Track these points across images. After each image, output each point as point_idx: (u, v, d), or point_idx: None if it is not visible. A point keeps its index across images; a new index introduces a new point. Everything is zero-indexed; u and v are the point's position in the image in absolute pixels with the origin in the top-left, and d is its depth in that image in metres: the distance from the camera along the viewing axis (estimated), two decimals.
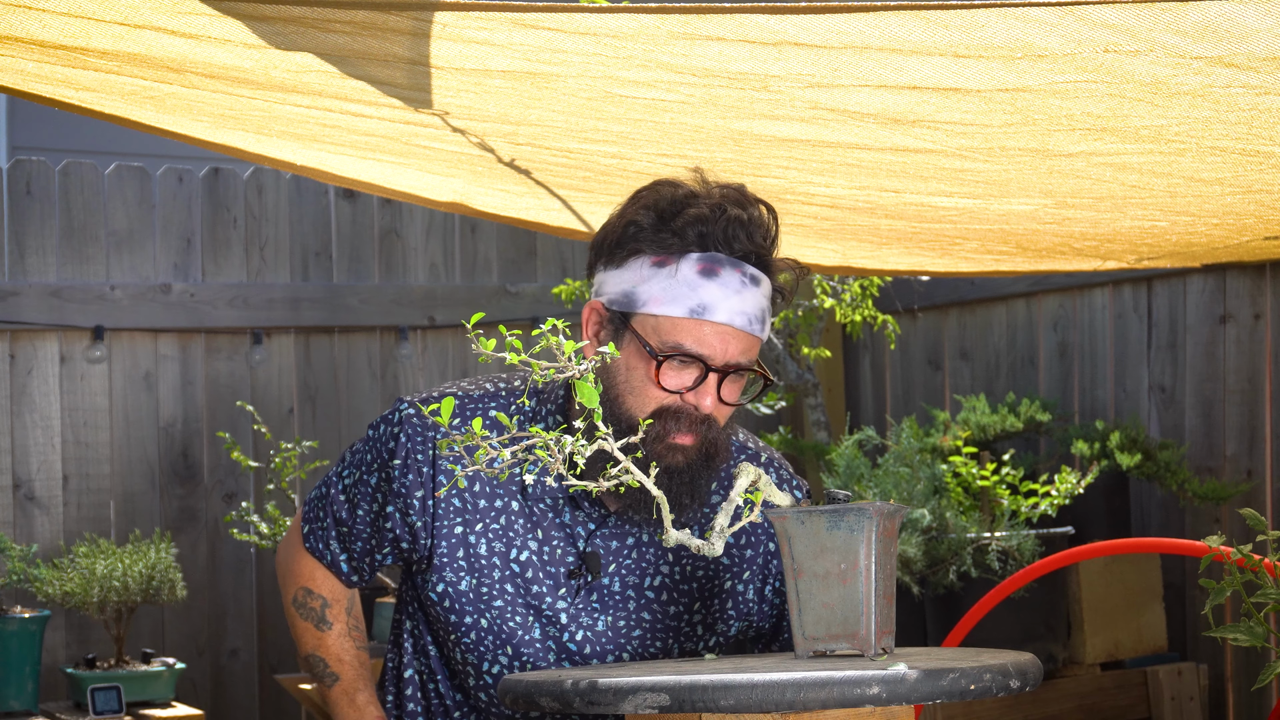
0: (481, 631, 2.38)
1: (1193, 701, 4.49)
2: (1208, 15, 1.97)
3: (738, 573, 2.44)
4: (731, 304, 2.24)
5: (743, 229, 2.26)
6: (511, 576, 2.37)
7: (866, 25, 2.11)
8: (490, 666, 2.39)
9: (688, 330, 2.25)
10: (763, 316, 2.28)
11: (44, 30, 2.36)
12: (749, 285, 2.26)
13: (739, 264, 2.26)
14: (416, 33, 2.26)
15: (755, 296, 2.27)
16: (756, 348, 2.29)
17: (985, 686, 1.88)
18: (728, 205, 2.27)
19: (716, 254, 2.26)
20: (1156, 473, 4.56)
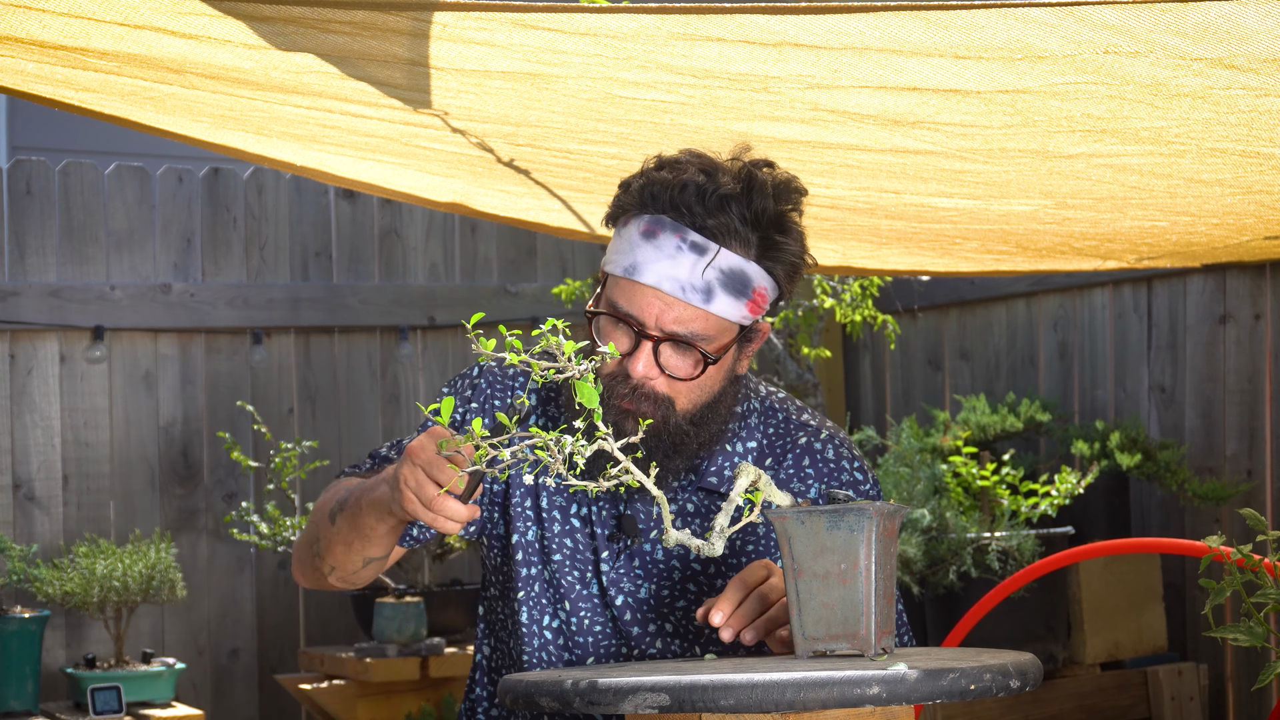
0: (544, 583, 2.37)
1: (1193, 701, 4.49)
2: (1208, 17, 1.97)
3: None
4: (662, 267, 2.19)
5: (696, 198, 2.19)
6: (570, 531, 2.35)
7: (866, 26, 2.11)
8: (551, 620, 2.37)
9: (622, 290, 2.23)
10: (707, 288, 2.18)
11: (44, 31, 2.36)
12: (687, 251, 2.18)
13: (681, 229, 2.19)
14: (416, 33, 2.26)
15: (695, 264, 2.18)
16: (704, 320, 2.20)
17: (985, 686, 1.88)
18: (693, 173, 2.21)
19: (661, 216, 2.20)
20: (1156, 473, 4.57)
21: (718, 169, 2.23)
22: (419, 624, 4.87)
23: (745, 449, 2.38)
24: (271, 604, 5.40)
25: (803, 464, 2.37)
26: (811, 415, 2.45)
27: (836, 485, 2.36)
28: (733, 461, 2.36)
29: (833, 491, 2.09)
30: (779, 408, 2.42)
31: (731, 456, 2.36)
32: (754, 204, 2.21)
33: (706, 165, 2.23)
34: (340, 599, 5.41)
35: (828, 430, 2.42)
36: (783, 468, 2.37)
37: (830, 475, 2.37)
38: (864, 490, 2.38)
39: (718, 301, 2.20)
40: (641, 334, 2.22)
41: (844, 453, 2.40)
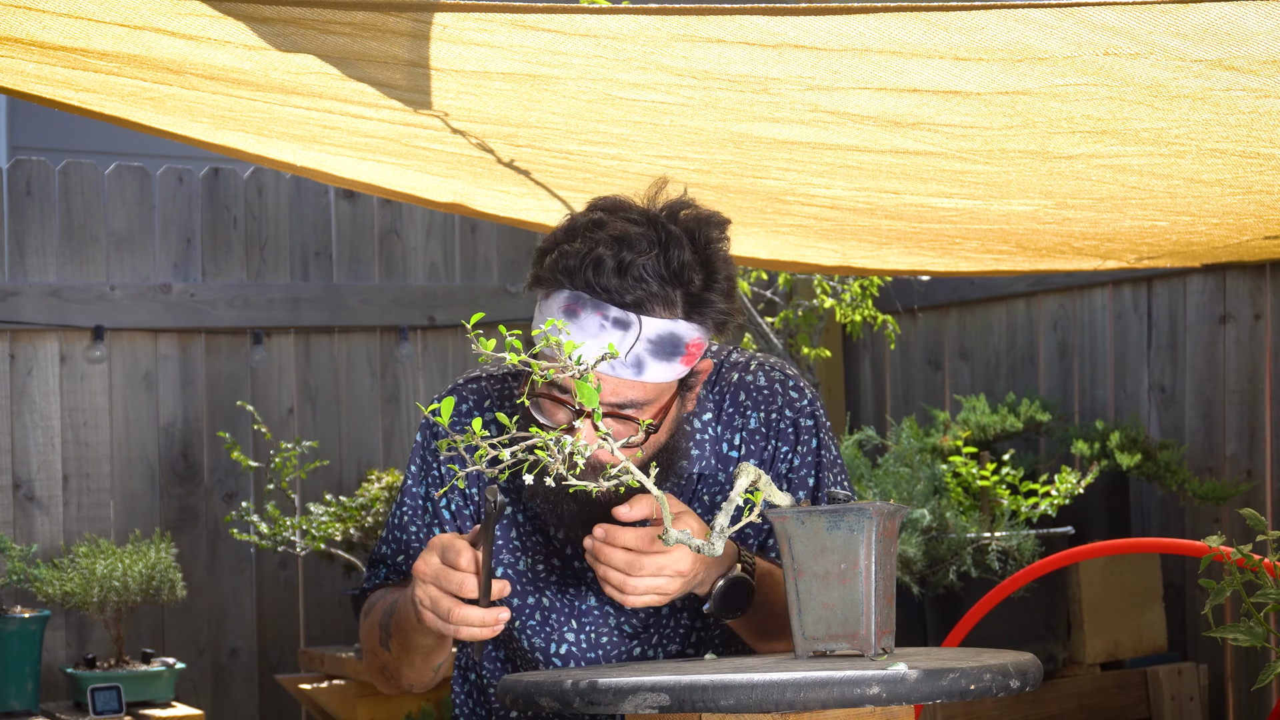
0: (544, 611, 2.36)
1: (1193, 701, 4.49)
2: (1208, 18, 1.97)
3: None
4: (588, 348, 2.12)
5: (613, 273, 2.14)
6: (557, 550, 2.35)
7: (866, 28, 2.11)
8: (558, 647, 2.36)
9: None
10: (637, 361, 2.15)
11: (44, 31, 2.36)
12: (610, 329, 2.14)
13: (601, 305, 2.14)
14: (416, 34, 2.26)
15: (620, 340, 2.14)
16: (640, 389, 2.18)
17: (985, 686, 1.88)
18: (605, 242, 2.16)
19: (580, 294, 2.15)
20: (1156, 473, 4.57)
21: (629, 235, 2.17)
22: None
23: (703, 422, 2.37)
24: (271, 604, 5.40)
25: (739, 399, 2.38)
26: (742, 353, 2.44)
27: (774, 410, 2.37)
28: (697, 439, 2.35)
29: (833, 491, 2.09)
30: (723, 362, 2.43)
31: (693, 435, 2.35)
32: (671, 263, 2.16)
33: (617, 231, 2.17)
34: (340, 599, 5.41)
35: (756, 360, 2.42)
36: (723, 410, 2.38)
37: (766, 401, 2.37)
38: (801, 408, 2.37)
39: (650, 370, 2.17)
40: (579, 411, 2.18)
41: (775, 375, 2.39)
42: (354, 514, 5.00)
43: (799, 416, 2.38)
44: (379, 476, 5.12)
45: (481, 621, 2.10)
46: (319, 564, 5.32)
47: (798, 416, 2.38)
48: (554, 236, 2.22)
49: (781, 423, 2.37)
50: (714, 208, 2.28)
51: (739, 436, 2.37)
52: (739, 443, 2.37)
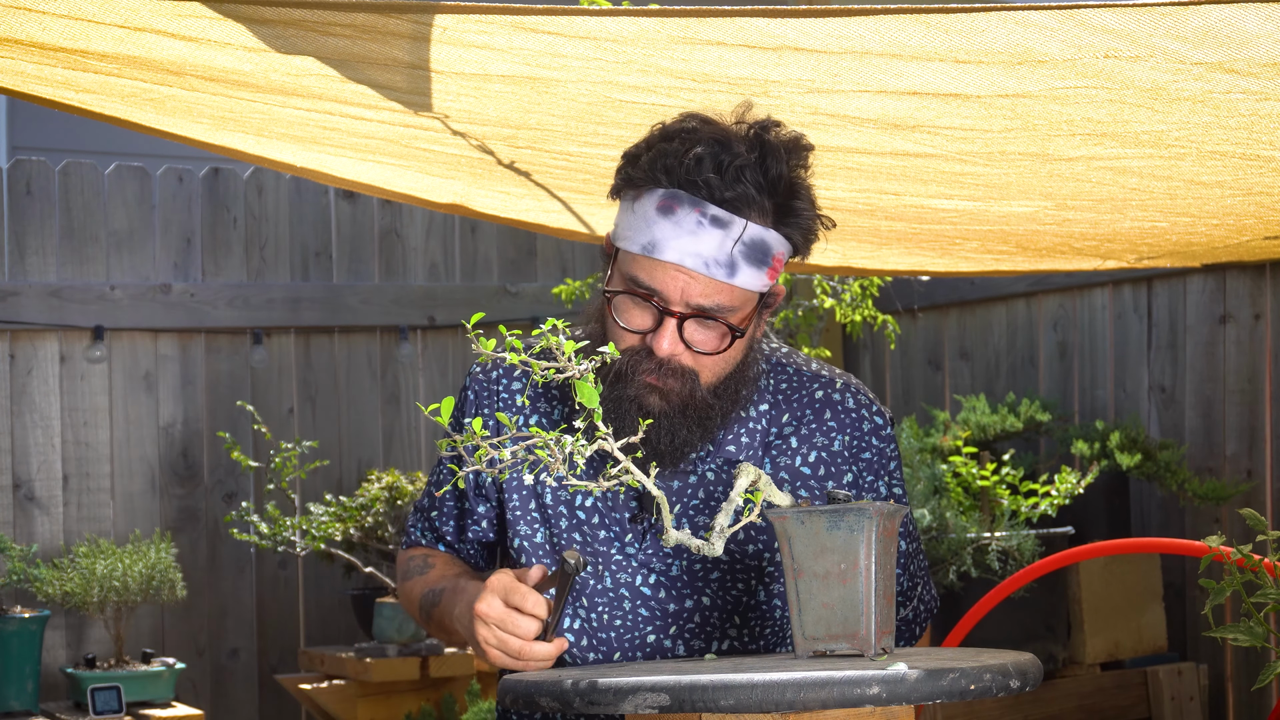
0: None
1: (1193, 701, 4.50)
2: (1208, 20, 1.97)
3: None
4: (684, 244, 2.14)
5: (712, 170, 2.13)
6: (578, 525, 2.33)
7: (866, 30, 2.11)
8: (570, 622, 2.35)
9: (641, 266, 2.18)
10: (730, 261, 2.15)
11: (44, 32, 2.36)
12: (709, 227, 2.14)
13: (700, 203, 2.14)
14: (416, 36, 2.26)
15: (716, 238, 2.14)
16: (729, 294, 2.17)
17: (985, 686, 1.88)
18: (704, 143, 2.15)
19: (678, 191, 2.15)
20: (1156, 473, 4.57)
21: (729, 137, 2.17)
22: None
23: (759, 412, 2.34)
24: (271, 604, 5.40)
25: (824, 417, 2.35)
26: (820, 365, 2.42)
27: (859, 434, 2.35)
28: (748, 427, 2.33)
29: (832, 491, 2.09)
30: (786, 362, 2.39)
31: (746, 422, 2.33)
32: (769, 171, 2.16)
33: (716, 133, 2.17)
34: (340, 599, 5.42)
35: (841, 379, 2.40)
36: (804, 423, 2.34)
37: (853, 425, 2.35)
38: (885, 434, 2.37)
39: (742, 274, 2.17)
40: (665, 310, 2.18)
41: (862, 399, 2.38)
42: (354, 514, 5.00)
43: (885, 445, 2.38)
44: (379, 476, 5.13)
45: (550, 656, 2.15)
46: (319, 564, 5.32)
47: (884, 445, 2.37)
48: (645, 141, 2.21)
49: (867, 451, 2.36)
50: None
51: (817, 455, 2.34)
52: (815, 461, 2.34)
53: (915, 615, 2.49)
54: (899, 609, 2.43)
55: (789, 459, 2.33)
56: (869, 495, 2.36)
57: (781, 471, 2.32)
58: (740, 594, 2.33)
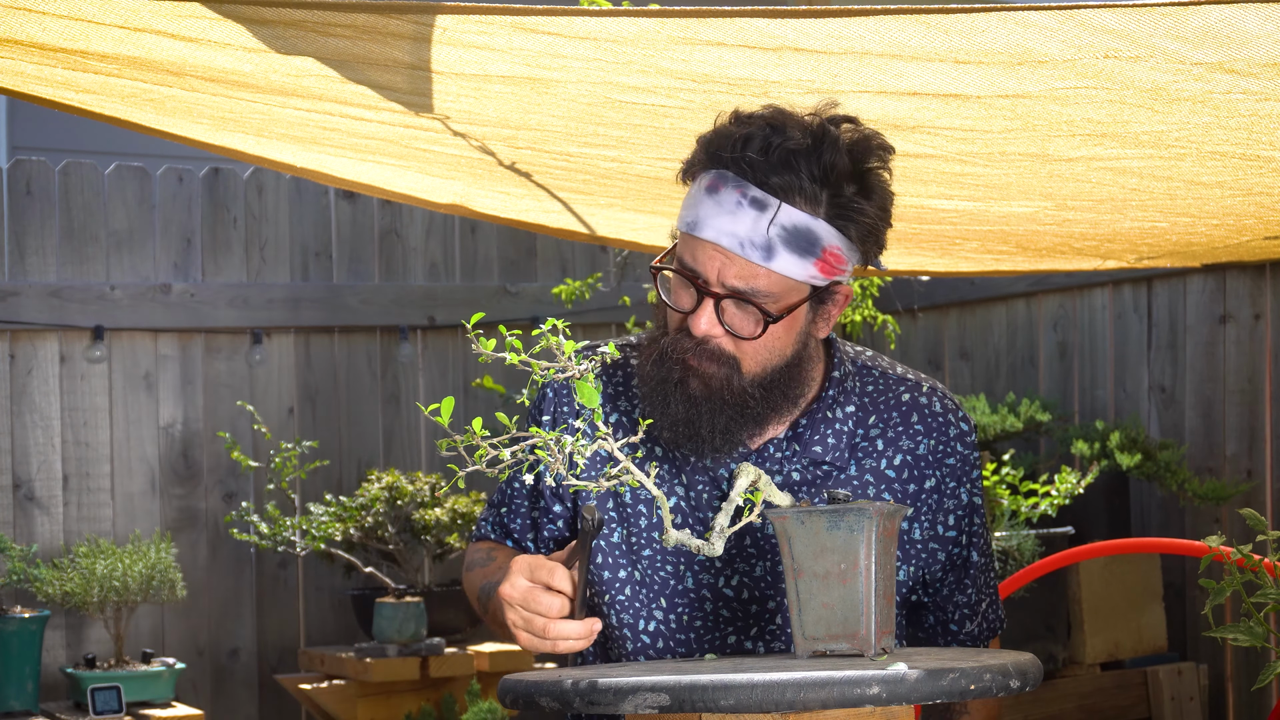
0: (635, 585, 2.32)
1: (1193, 701, 4.50)
2: (1208, 21, 1.97)
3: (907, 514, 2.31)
4: (722, 223, 2.12)
5: (759, 152, 2.11)
6: (659, 524, 2.29)
7: (866, 30, 2.11)
8: (646, 624, 2.32)
9: (686, 245, 2.17)
10: (768, 244, 2.11)
11: (44, 33, 2.36)
12: (747, 207, 2.12)
13: (742, 184, 2.12)
14: (417, 37, 2.26)
15: (755, 220, 2.11)
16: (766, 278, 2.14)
17: (985, 686, 1.88)
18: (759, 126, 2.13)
19: (724, 171, 2.14)
20: (1156, 473, 4.57)
21: (787, 123, 2.14)
22: (419, 624, 4.88)
23: (845, 413, 2.31)
24: (271, 604, 5.40)
25: (910, 420, 2.32)
26: (905, 369, 2.40)
27: (944, 439, 2.33)
28: (835, 429, 2.30)
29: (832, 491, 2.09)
30: (871, 365, 2.37)
31: (834, 424, 2.30)
32: (823, 159, 2.12)
33: (776, 119, 2.15)
34: (340, 599, 5.42)
35: (928, 383, 2.37)
36: (890, 426, 2.32)
37: (939, 430, 2.33)
38: (969, 440, 2.35)
39: (780, 259, 2.13)
40: (704, 290, 2.16)
41: (948, 404, 2.36)
42: (354, 514, 5.00)
43: (969, 452, 2.35)
44: (379, 476, 5.13)
45: (578, 634, 2.09)
46: (319, 564, 5.32)
47: (968, 452, 2.35)
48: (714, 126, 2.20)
49: (951, 457, 2.33)
50: None
51: (902, 458, 2.32)
52: (900, 464, 2.31)
53: (979, 632, 2.46)
54: (965, 623, 2.42)
55: (874, 461, 2.31)
56: (951, 501, 2.33)
57: (867, 474, 2.30)
58: None
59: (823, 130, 2.14)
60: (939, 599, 2.40)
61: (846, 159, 2.14)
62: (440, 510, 5.04)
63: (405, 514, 5.05)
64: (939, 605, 2.41)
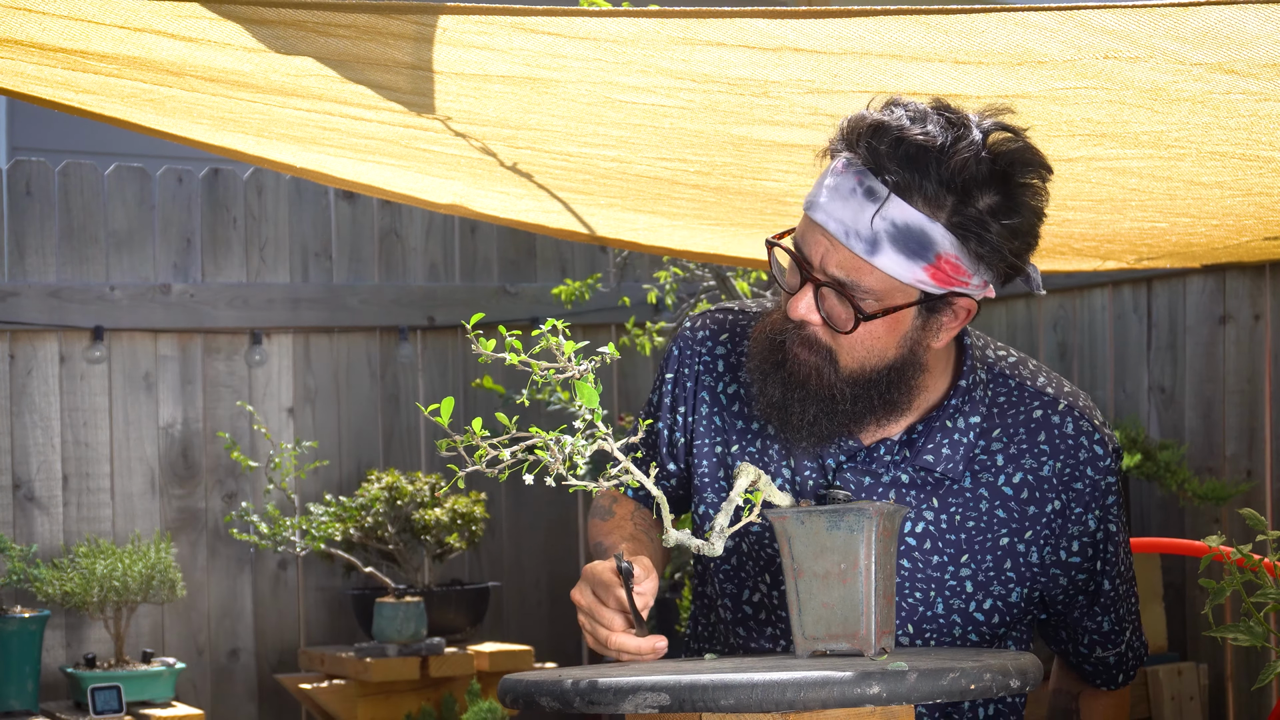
0: (742, 556, 2.30)
1: (1193, 701, 4.50)
2: (1208, 21, 1.97)
3: (1018, 530, 2.21)
4: (834, 207, 2.03)
5: (889, 143, 2.00)
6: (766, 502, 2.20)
7: (866, 31, 2.11)
8: (750, 594, 2.30)
9: (802, 224, 2.09)
10: (873, 238, 2.00)
11: (44, 33, 2.36)
12: (861, 196, 2.01)
13: (863, 172, 2.01)
14: (419, 38, 2.26)
15: (866, 210, 2.00)
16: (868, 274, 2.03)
17: (985, 686, 1.88)
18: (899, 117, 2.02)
19: (853, 156, 2.04)
20: (1156, 473, 4.57)
21: (928, 118, 2.02)
22: (419, 624, 4.88)
23: (967, 424, 2.20)
24: (271, 604, 5.40)
25: (1037, 439, 2.21)
26: (1049, 379, 2.27)
27: (1073, 462, 2.21)
28: (953, 439, 2.19)
29: (832, 491, 2.09)
30: (1010, 373, 2.26)
31: (952, 434, 2.20)
32: (955, 161, 1.99)
33: (920, 111, 2.03)
34: (340, 599, 5.42)
35: (1066, 400, 2.24)
36: (1014, 442, 2.21)
37: (1067, 452, 2.21)
38: (1103, 466, 2.22)
39: (884, 256, 2.02)
40: (806, 274, 2.08)
41: (1083, 426, 2.22)
42: (354, 514, 5.00)
43: (1101, 477, 2.23)
44: (379, 476, 5.13)
45: (638, 649, 2.08)
46: (319, 564, 5.32)
47: (1099, 477, 2.23)
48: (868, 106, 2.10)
49: (1079, 481, 2.22)
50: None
51: (1022, 477, 2.21)
52: (1020, 483, 2.21)
53: (1122, 660, 2.38)
54: (1095, 649, 2.36)
55: (992, 476, 2.21)
56: (1076, 527, 2.23)
57: (982, 488, 2.21)
58: (916, 603, 2.25)
59: (965, 130, 2.02)
60: (1069, 621, 2.33)
61: (986, 167, 2.01)
62: (440, 510, 5.04)
63: (405, 514, 5.05)
64: (1070, 627, 2.35)
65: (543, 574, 5.76)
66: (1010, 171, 2.03)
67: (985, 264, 2.06)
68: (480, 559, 5.65)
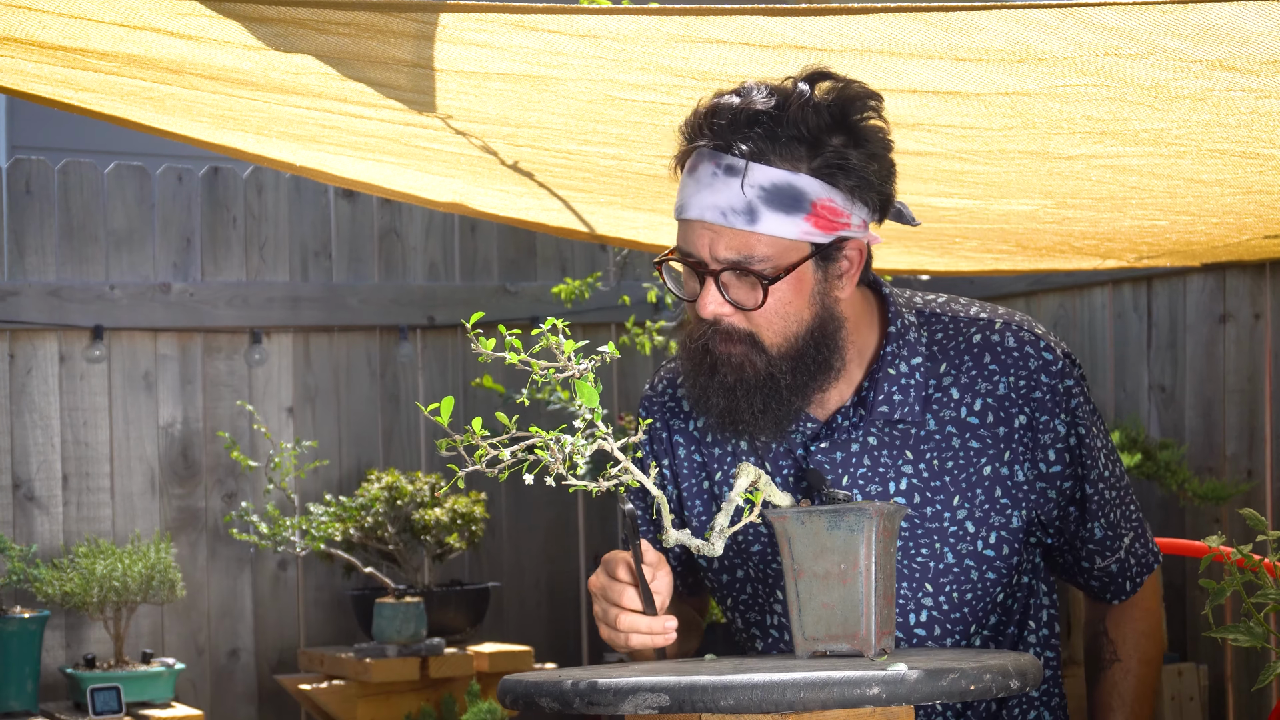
0: (754, 583, 2.31)
1: (1193, 701, 4.49)
2: (1208, 18, 1.97)
3: (996, 455, 2.23)
4: (702, 199, 2.08)
5: (727, 119, 2.07)
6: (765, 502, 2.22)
7: (866, 28, 2.11)
8: (772, 619, 2.31)
9: (680, 231, 2.14)
10: (749, 208, 2.07)
11: (44, 31, 2.36)
12: (723, 175, 2.07)
13: (715, 154, 2.08)
14: (419, 35, 2.26)
15: (732, 187, 2.07)
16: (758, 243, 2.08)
17: (985, 687, 1.88)
18: (727, 95, 2.10)
19: (700, 147, 2.10)
20: (1156, 472, 4.57)
21: (753, 88, 2.10)
22: (419, 624, 4.87)
23: (910, 367, 2.23)
24: (271, 604, 5.40)
25: (983, 361, 2.24)
26: (981, 307, 2.30)
27: (1025, 373, 2.23)
28: (900, 384, 2.22)
29: (832, 491, 2.09)
30: (941, 311, 2.29)
31: (898, 380, 2.22)
32: (793, 114, 2.07)
33: (745, 86, 2.11)
34: (340, 599, 5.41)
35: (1001, 318, 2.28)
36: (963, 372, 2.24)
37: (1016, 365, 2.23)
38: (1056, 370, 2.24)
39: (765, 220, 2.07)
40: (702, 271, 2.12)
41: (1025, 336, 2.25)
42: (354, 514, 5.00)
43: (1057, 381, 2.24)
44: (379, 476, 5.12)
45: (649, 629, 2.08)
46: (319, 564, 5.32)
47: (1055, 382, 2.24)
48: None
49: (1038, 390, 2.23)
50: None
51: (982, 402, 2.23)
52: (982, 409, 2.23)
53: (1124, 568, 2.35)
54: (1095, 559, 2.33)
55: (953, 411, 2.23)
56: (1047, 436, 2.23)
57: (948, 425, 2.23)
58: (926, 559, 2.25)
59: (793, 88, 2.10)
60: (1066, 537, 2.31)
61: (826, 113, 2.09)
62: (440, 510, 5.04)
63: (405, 514, 5.04)
64: (1069, 544, 2.32)
65: (543, 574, 5.76)
66: (847, 109, 2.11)
67: (857, 198, 2.13)
68: (480, 559, 5.65)
